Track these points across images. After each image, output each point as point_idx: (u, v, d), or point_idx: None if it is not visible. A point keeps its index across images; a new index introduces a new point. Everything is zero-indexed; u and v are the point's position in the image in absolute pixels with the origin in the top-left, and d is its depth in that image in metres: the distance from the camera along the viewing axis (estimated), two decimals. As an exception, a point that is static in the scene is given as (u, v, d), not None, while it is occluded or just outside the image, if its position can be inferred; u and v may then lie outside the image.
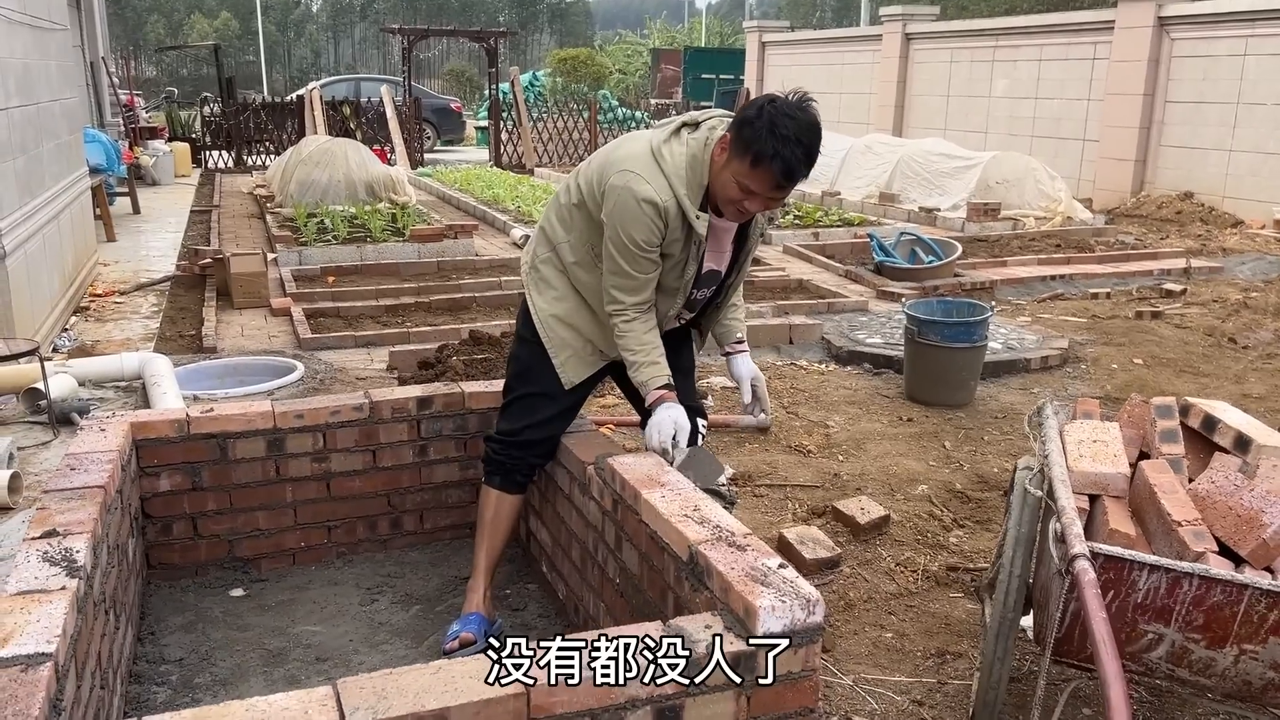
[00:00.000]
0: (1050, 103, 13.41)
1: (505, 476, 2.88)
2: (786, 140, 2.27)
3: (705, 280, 2.68)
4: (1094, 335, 6.27)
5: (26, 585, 1.96)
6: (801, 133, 2.28)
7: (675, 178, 2.45)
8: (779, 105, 2.31)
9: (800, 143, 2.28)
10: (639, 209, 2.44)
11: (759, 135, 2.28)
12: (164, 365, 4.88)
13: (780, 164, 2.29)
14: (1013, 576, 2.29)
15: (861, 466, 4.17)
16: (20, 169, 5.48)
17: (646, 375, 2.64)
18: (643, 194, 2.43)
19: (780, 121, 2.28)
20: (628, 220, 2.46)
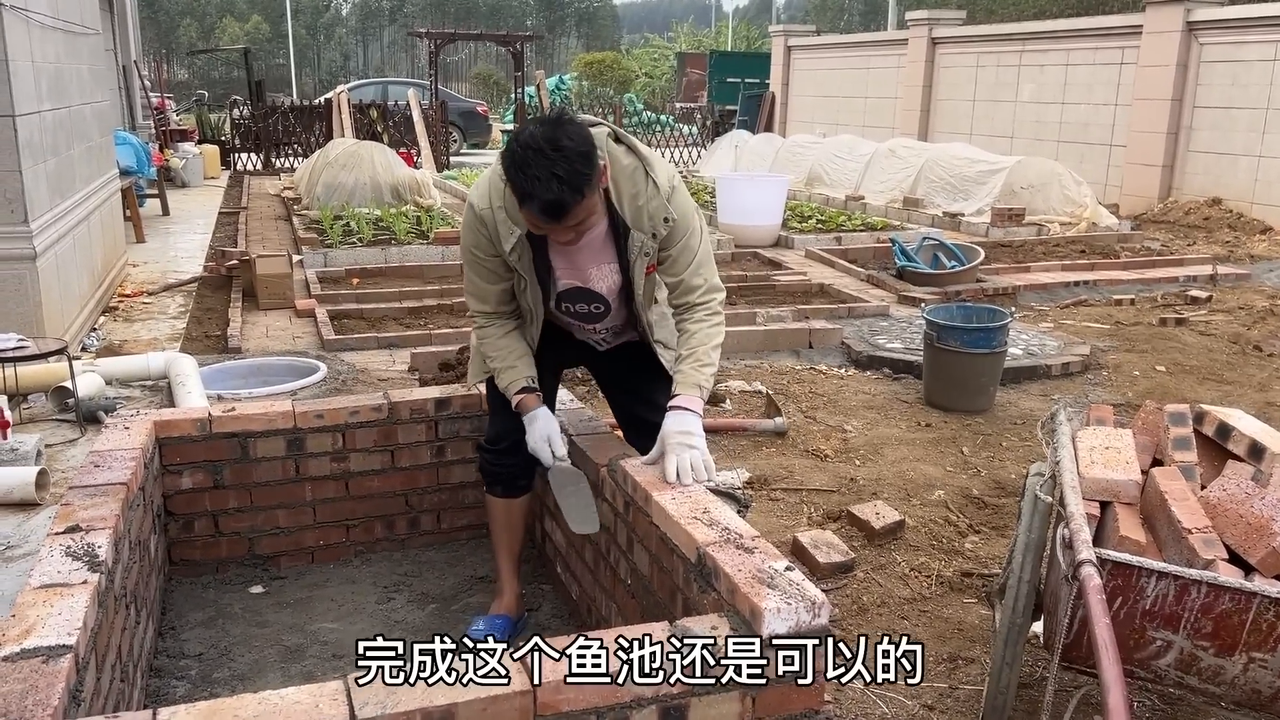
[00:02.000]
0: (1077, 108, 13.32)
1: (505, 484, 2.86)
2: (537, 180, 2.18)
3: (571, 296, 2.59)
4: (1117, 342, 6.23)
5: (49, 579, 2.01)
6: (555, 165, 2.17)
7: (496, 190, 2.43)
8: (524, 139, 2.22)
9: (555, 176, 2.17)
10: (468, 212, 2.53)
11: (514, 177, 2.23)
12: (189, 365, 4.96)
13: (538, 204, 2.21)
14: (1022, 582, 2.30)
15: (878, 471, 4.17)
16: (51, 171, 5.58)
17: (507, 380, 2.64)
18: (470, 199, 2.52)
19: (528, 160, 2.19)
20: (464, 225, 2.57)
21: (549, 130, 2.22)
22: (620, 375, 2.88)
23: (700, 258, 2.57)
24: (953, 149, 11.78)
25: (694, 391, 2.50)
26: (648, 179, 2.44)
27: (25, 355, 4.35)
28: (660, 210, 2.45)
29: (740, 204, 9.59)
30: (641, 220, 2.46)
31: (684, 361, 2.54)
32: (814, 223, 10.36)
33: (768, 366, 5.60)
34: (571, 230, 2.32)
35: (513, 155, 2.23)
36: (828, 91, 18.57)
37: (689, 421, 2.47)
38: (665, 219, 2.46)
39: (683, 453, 2.41)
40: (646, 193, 2.44)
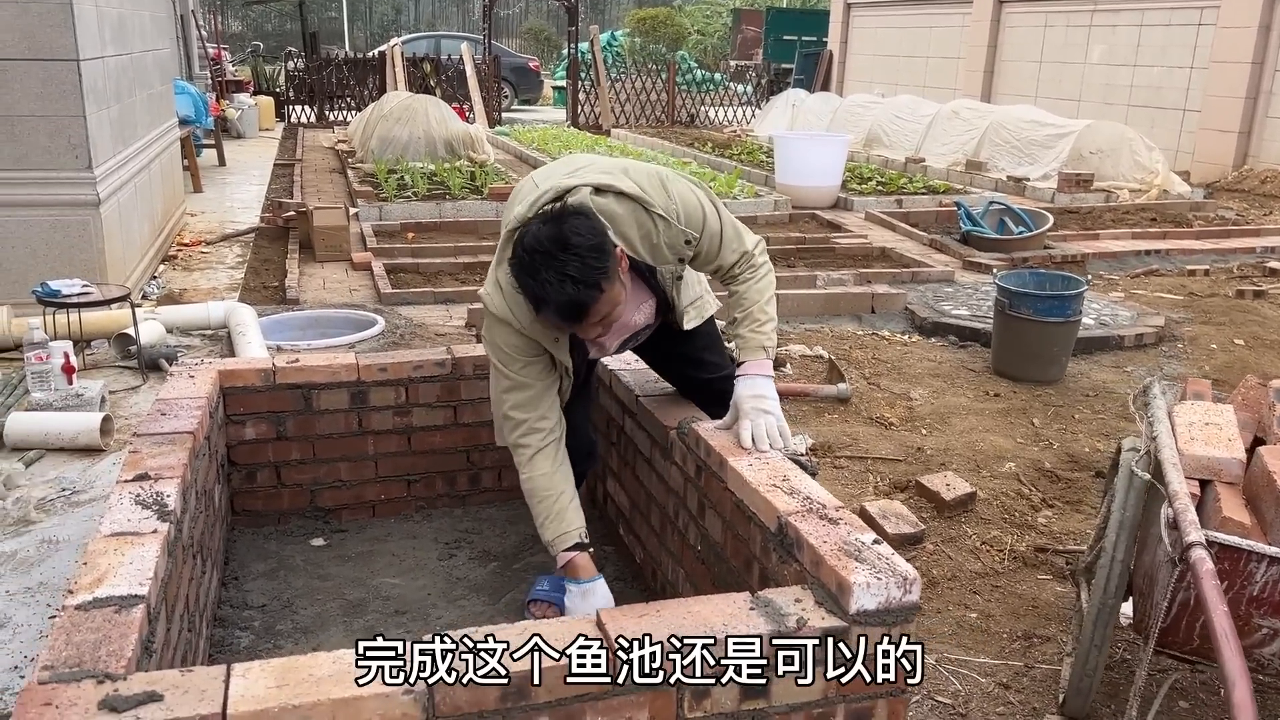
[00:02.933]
0: (1149, 70, 12.85)
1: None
2: (549, 284, 2.06)
3: (622, 347, 2.55)
4: (1191, 313, 6.02)
5: (120, 527, 1.98)
6: (566, 267, 2.04)
7: (518, 309, 2.29)
8: (528, 243, 2.09)
9: (568, 277, 2.04)
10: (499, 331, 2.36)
11: (524, 283, 2.12)
12: (249, 315, 4.95)
13: (554, 308, 2.10)
14: (1115, 562, 2.19)
15: (946, 441, 4.06)
16: (114, 117, 5.58)
17: (552, 532, 2.38)
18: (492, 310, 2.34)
19: (536, 266, 2.07)
20: (502, 334, 2.36)
21: (554, 229, 2.08)
22: (658, 347, 2.74)
23: (725, 236, 2.41)
24: (1019, 111, 11.44)
25: (759, 354, 2.41)
26: (649, 215, 2.28)
27: (89, 301, 4.36)
28: (677, 238, 2.32)
29: (799, 164, 9.39)
30: (662, 255, 2.35)
31: (741, 325, 2.44)
32: (874, 185, 10.13)
33: (828, 331, 5.48)
34: (598, 326, 2.18)
35: (520, 261, 2.11)
36: (887, 51, 18.12)
37: (761, 385, 2.38)
38: (686, 241, 2.34)
39: (758, 418, 2.33)
40: (656, 229, 2.29)
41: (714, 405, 2.65)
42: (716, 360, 2.73)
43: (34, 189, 4.86)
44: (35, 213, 4.89)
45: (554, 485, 2.41)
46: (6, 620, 2.65)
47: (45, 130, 4.82)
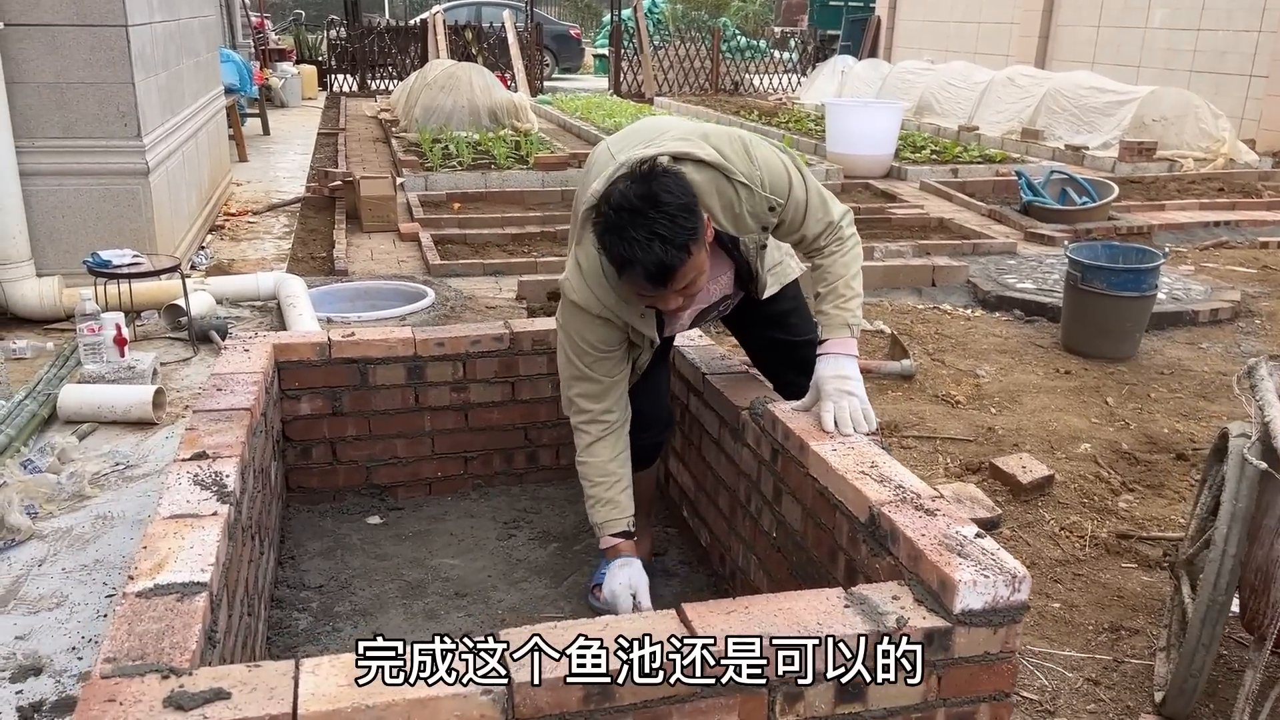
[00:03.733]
0: (1214, 34, 12.38)
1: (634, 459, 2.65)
2: (637, 243, 1.94)
3: (701, 317, 2.47)
4: (1267, 287, 5.78)
5: (179, 509, 1.91)
6: (656, 225, 1.93)
7: (599, 288, 2.21)
8: (615, 202, 1.98)
9: (657, 235, 1.93)
10: (579, 317, 2.27)
11: (610, 246, 2.00)
12: (299, 286, 4.89)
13: (642, 270, 1.97)
14: (1226, 556, 2.05)
15: (1017, 421, 3.90)
16: (163, 85, 5.52)
17: (601, 516, 2.36)
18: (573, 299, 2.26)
19: (624, 225, 1.96)
20: (576, 327, 2.29)
21: (642, 187, 1.97)
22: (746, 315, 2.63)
23: (811, 205, 2.29)
24: (1077, 77, 11.08)
25: (843, 332, 2.28)
26: (731, 183, 2.15)
27: (140, 272, 4.31)
28: (761, 206, 2.20)
29: (851, 132, 9.16)
30: (745, 225, 2.22)
31: (824, 301, 2.32)
32: (928, 153, 9.88)
33: (888, 305, 5.32)
34: (680, 295, 2.07)
35: (606, 221, 1.99)
36: (938, 16, 17.66)
37: (844, 365, 2.26)
38: (770, 208, 2.21)
39: (841, 400, 2.21)
40: (739, 198, 2.17)
41: (795, 373, 2.53)
42: (801, 324, 2.60)
43: (83, 157, 4.82)
44: (85, 181, 4.85)
45: (610, 471, 2.37)
46: (64, 599, 2.60)
47: (94, 98, 4.77)
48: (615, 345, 2.32)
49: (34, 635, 2.46)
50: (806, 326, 2.59)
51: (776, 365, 2.66)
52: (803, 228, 2.29)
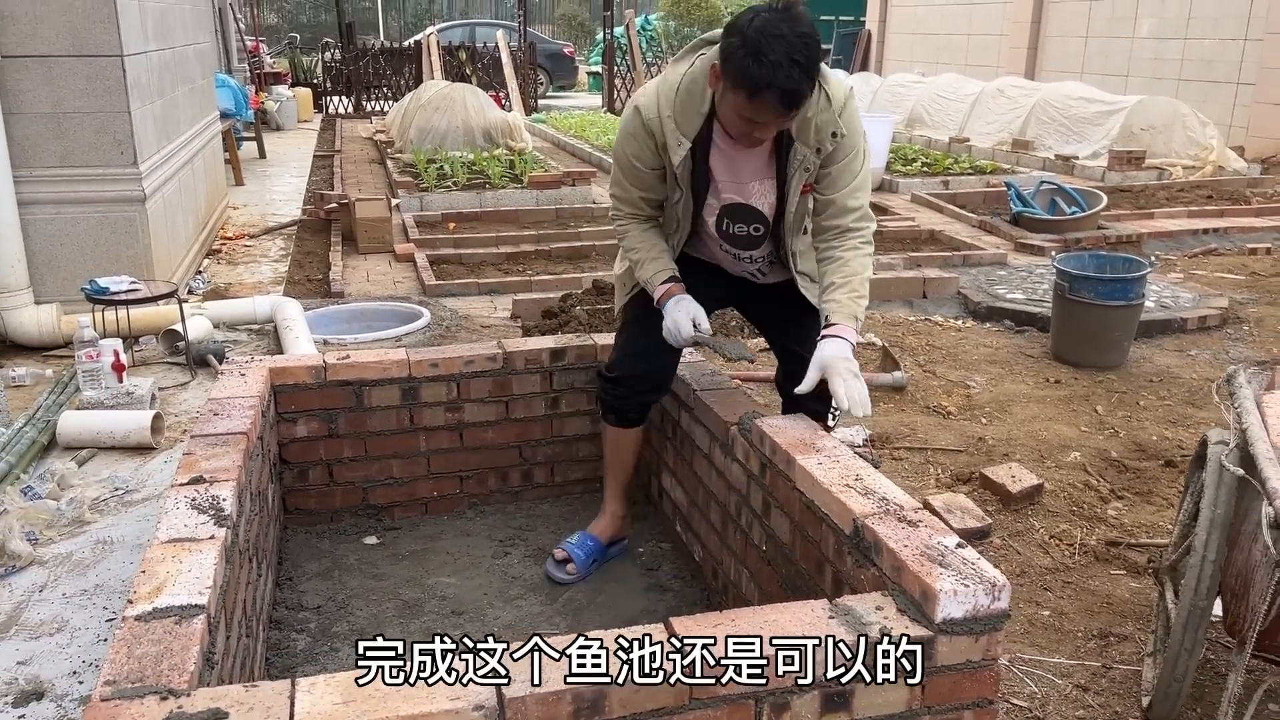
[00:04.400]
0: (1200, 43, 12.50)
1: (618, 414, 2.83)
2: (778, 66, 2.04)
3: (734, 214, 2.46)
4: (1255, 294, 5.83)
5: (176, 533, 1.94)
6: (794, 50, 2.04)
7: (665, 98, 2.33)
8: (761, 25, 2.07)
9: (796, 63, 2.04)
10: (631, 117, 2.42)
11: (748, 65, 2.07)
12: (295, 309, 4.93)
13: (777, 92, 2.07)
14: (1206, 562, 2.09)
15: (1007, 430, 3.94)
16: (158, 112, 5.58)
17: (650, 272, 2.53)
18: (635, 103, 2.41)
19: (768, 46, 2.04)
20: (623, 129, 2.46)
21: (783, 15, 2.08)
22: (775, 312, 2.72)
23: (860, 181, 2.42)
24: (1066, 88, 11.17)
25: (851, 322, 2.37)
26: (819, 90, 2.25)
27: (138, 298, 4.36)
28: (829, 124, 2.29)
29: (842, 146, 9.21)
30: (808, 133, 2.30)
31: (839, 290, 2.37)
32: (919, 166, 9.95)
33: (880, 317, 5.37)
34: (787, 122, 2.22)
35: (747, 41, 2.07)
36: (928, 29, 17.81)
37: (849, 350, 2.33)
38: (834, 133, 2.30)
39: (850, 380, 2.27)
40: (817, 104, 2.26)
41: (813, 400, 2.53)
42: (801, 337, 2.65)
43: (80, 186, 4.87)
44: (82, 210, 4.90)
45: (648, 239, 2.56)
46: (64, 624, 2.63)
47: (91, 127, 4.82)
48: (648, 166, 2.44)
49: (35, 660, 2.49)
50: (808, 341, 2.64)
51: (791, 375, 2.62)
52: (842, 192, 2.38)
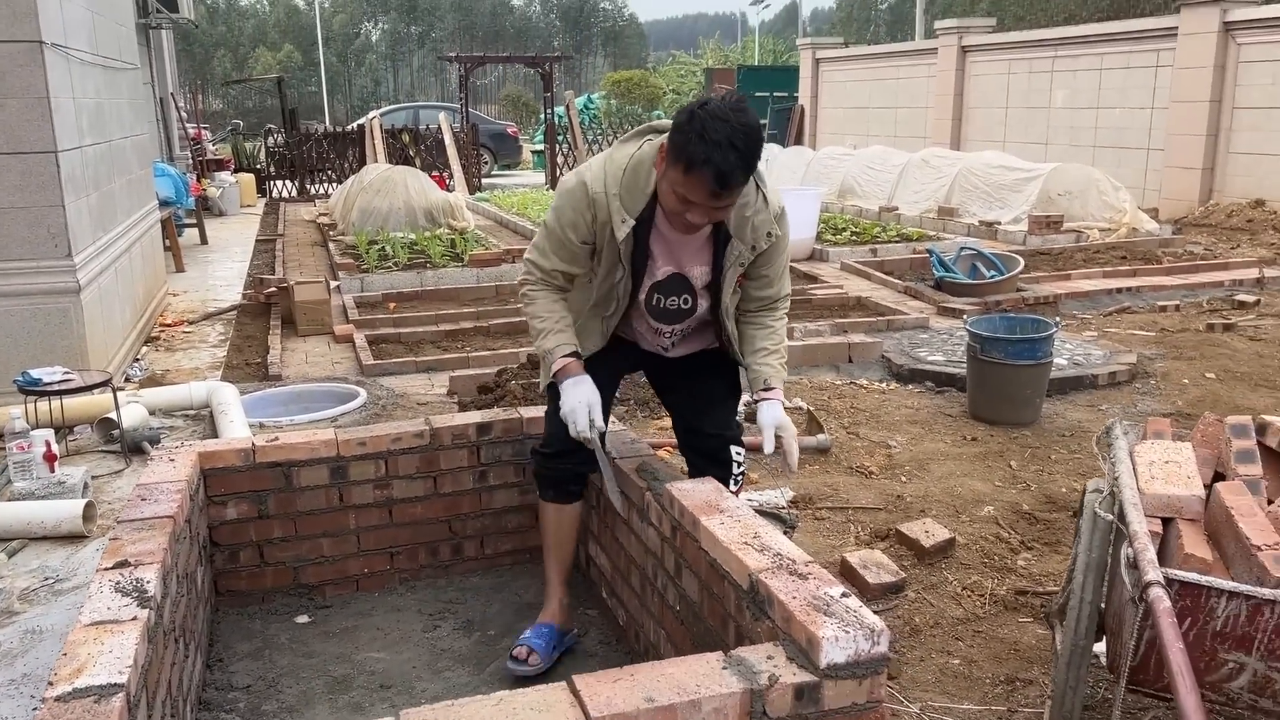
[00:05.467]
0: (1112, 112, 13.16)
1: (556, 489, 2.90)
2: (718, 145, 2.21)
3: (666, 288, 2.62)
4: (1164, 349, 6.11)
5: (99, 616, 2.00)
6: (735, 136, 2.22)
7: (612, 176, 2.47)
8: (710, 109, 2.26)
9: (734, 147, 2.22)
10: (575, 188, 2.52)
11: (690, 141, 2.24)
12: (231, 394, 4.99)
13: (712, 169, 2.22)
14: (1084, 603, 2.23)
15: (925, 488, 4.10)
16: (94, 205, 5.66)
17: (552, 343, 2.61)
18: (580, 176, 2.52)
19: (711, 126, 2.22)
20: (563, 200, 2.55)
21: (734, 105, 2.27)
22: (684, 385, 2.88)
23: (785, 265, 2.71)
24: (987, 157, 11.67)
25: (781, 386, 2.69)
26: (758, 192, 2.47)
27: (71, 388, 4.39)
28: (766, 224, 2.51)
29: (773, 218, 9.52)
30: (745, 231, 2.50)
31: (772, 355, 2.68)
32: (848, 235, 10.29)
33: (807, 382, 5.55)
34: (718, 212, 2.36)
35: (694, 120, 2.24)
36: (857, 103, 18.49)
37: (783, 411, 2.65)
38: (769, 234, 2.53)
39: (792, 441, 2.61)
40: (755, 205, 2.47)
41: (702, 459, 2.81)
42: (723, 417, 2.85)
43: (14, 279, 4.92)
44: (15, 302, 4.94)
45: (554, 309, 2.65)
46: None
47: (24, 221, 4.89)
48: (579, 239, 2.56)
49: (-40, 752, 2.49)
50: (727, 421, 2.86)
51: (689, 448, 2.89)
52: (775, 277, 2.66)
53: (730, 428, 2.84)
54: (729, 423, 2.86)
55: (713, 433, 2.80)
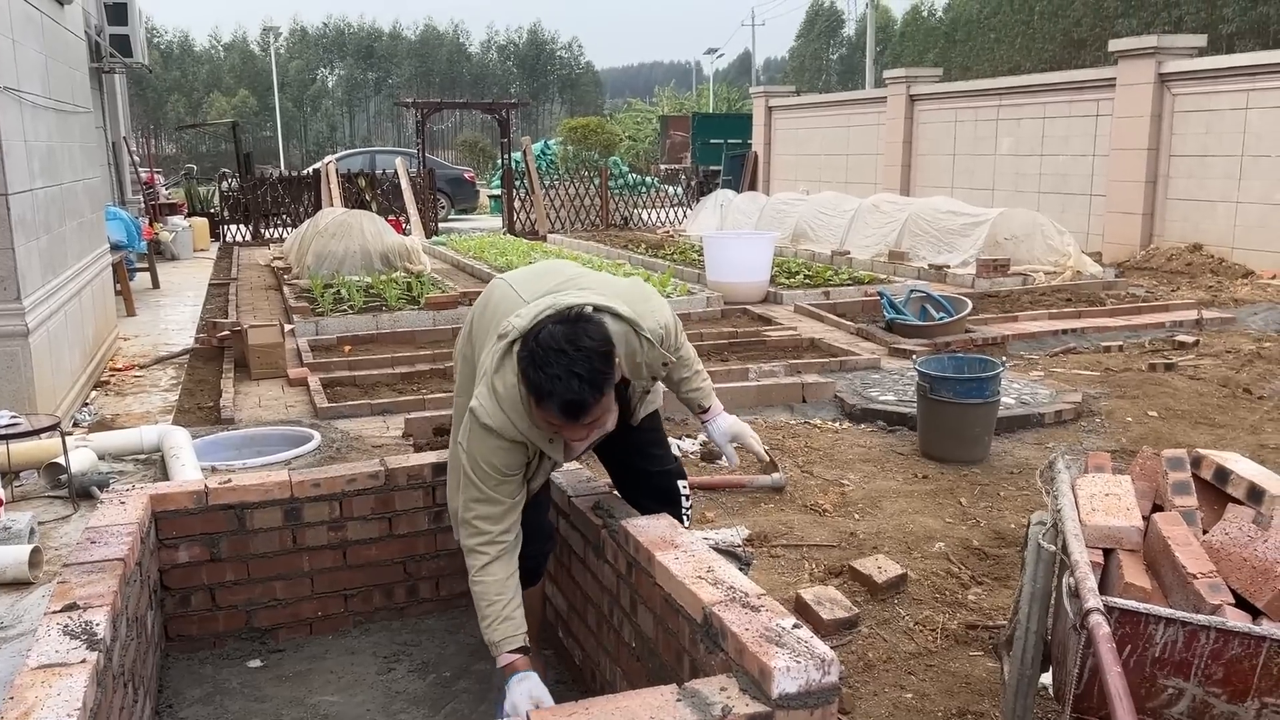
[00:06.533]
0: (1055, 159, 13.54)
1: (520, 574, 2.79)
2: (557, 379, 2.19)
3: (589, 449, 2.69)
4: (1107, 388, 6.26)
5: (47, 659, 1.98)
6: (575, 364, 2.19)
7: (515, 414, 2.38)
8: (544, 338, 2.23)
9: (575, 374, 2.19)
10: (491, 441, 2.41)
11: (533, 376, 2.23)
12: (182, 437, 4.93)
13: (558, 402, 2.21)
14: (1029, 633, 2.28)
15: (878, 525, 4.16)
16: (44, 248, 5.61)
17: (500, 634, 2.42)
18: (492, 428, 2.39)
19: (548, 360, 2.20)
20: (484, 453, 2.42)
21: (569, 329, 2.24)
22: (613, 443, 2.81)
23: (687, 357, 2.80)
24: (935, 202, 11.93)
25: (715, 400, 2.90)
26: (639, 337, 2.48)
27: (17, 433, 4.32)
28: (657, 359, 2.56)
29: (728, 262, 9.66)
30: (640, 373, 2.56)
31: (698, 380, 2.85)
32: (801, 278, 10.44)
33: (762, 422, 5.61)
34: (585, 429, 2.31)
35: (532, 354, 2.23)
36: (810, 150, 18.85)
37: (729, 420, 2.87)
38: (664, 363, 2.60)
39: (750, 442, 2.85)
40: (642, 350, 2.50)
41: (653, 500, 2.81)
42: (662, 455, 2.92)
43: (-39, 322, 4.85)
44: (-38, 345, 4.87)
45: (505, 589, 2.46)
46: (-71, 765, 2.57)
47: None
48: (519, 469, 2.48)
49: (-103, 805, 2.42)
50: (667, 456, 2.93)
51: (638, 492, 2.90)
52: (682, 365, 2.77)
53: (672, 463, 2.93)
54: (669, 458, 2.94)
55: (657, 470, 2.88)
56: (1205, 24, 30.65)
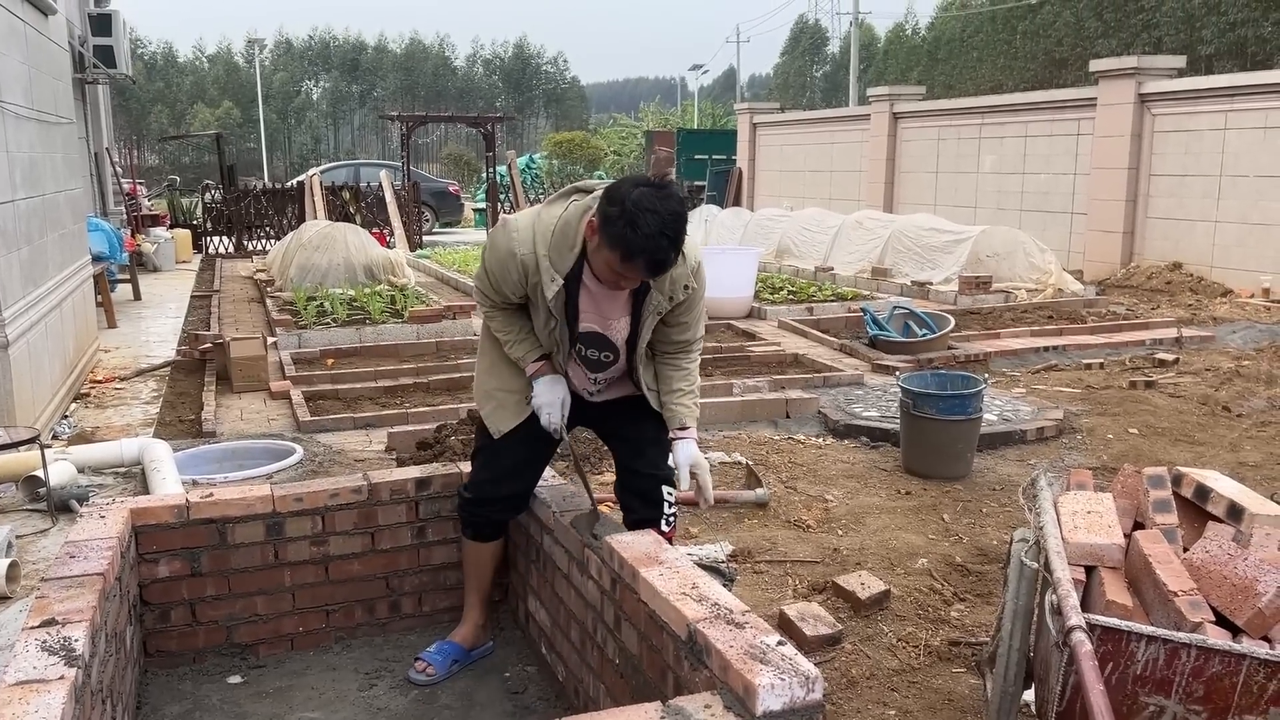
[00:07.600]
0: (1037, 177, 13.66)
1: (475, 530, 3.06)
2: (650, 237, 2.34)
3: (589, 341, 2.75)
4: (1089, 405, 6.31)
5: (25, 675, 1.96)
6: (665, 225, 2.35)
7: (541, 236, 2.58)
8: (638, 199, 2.36)
9: (666, 236, 2.35)
10: (505, 247, 2.64)
11: (623, 233, 2.36)
12: (163, 450, 4.90)
13: (646, 259, 2.38)
14: (1012, 650, 2.29)
15: (861, 541, 4.16)
16: (25, 259, 5.57)
17: (521, 351, 2.79)
18: (511, 235, 2.63)
19: (641, 220, 2.33)
20: (495, 250, 2.69)
21: (660, 192, 2.38)
22: (618, 429, 2.99)
23: (701, 315, 2.84)
24: (918, 219, 12.01)
25: (695, 425, 2.86)
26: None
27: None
28: (684, 278, 2.63)
29: (712, 277, 9.50)
30: (664, 283, 2.61)
31: (686, 396, 2.84)
32: (785, 294, 10.48)
33: (746, 437, 5.61)
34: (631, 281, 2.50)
35: (625, 212, 2.35)
36: (793, 166, 18.95)
37: (696, 450, 2.83)
38: (686, 286, 2.65)
39: (704, 476, 2.80)
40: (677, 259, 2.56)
41: (636, 499, 2.92)
42: (657, 459, 2.93)
43: (-60, 333, 4.80)
44: (-59, 357, 4.82)
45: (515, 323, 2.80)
46: (-98, 783, 2.53)
47: (-47, 274, 4.80)
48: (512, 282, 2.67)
49: None
50: (662, 463, 2.93)
51: (625, 489, 2.98)
52: (691, 323, 2.77)
53: (662, 468, 2.93)
54: (661, 464, 2.94)
55: (646, 472, 2.91)
56: (1184, 45, 31.05)
